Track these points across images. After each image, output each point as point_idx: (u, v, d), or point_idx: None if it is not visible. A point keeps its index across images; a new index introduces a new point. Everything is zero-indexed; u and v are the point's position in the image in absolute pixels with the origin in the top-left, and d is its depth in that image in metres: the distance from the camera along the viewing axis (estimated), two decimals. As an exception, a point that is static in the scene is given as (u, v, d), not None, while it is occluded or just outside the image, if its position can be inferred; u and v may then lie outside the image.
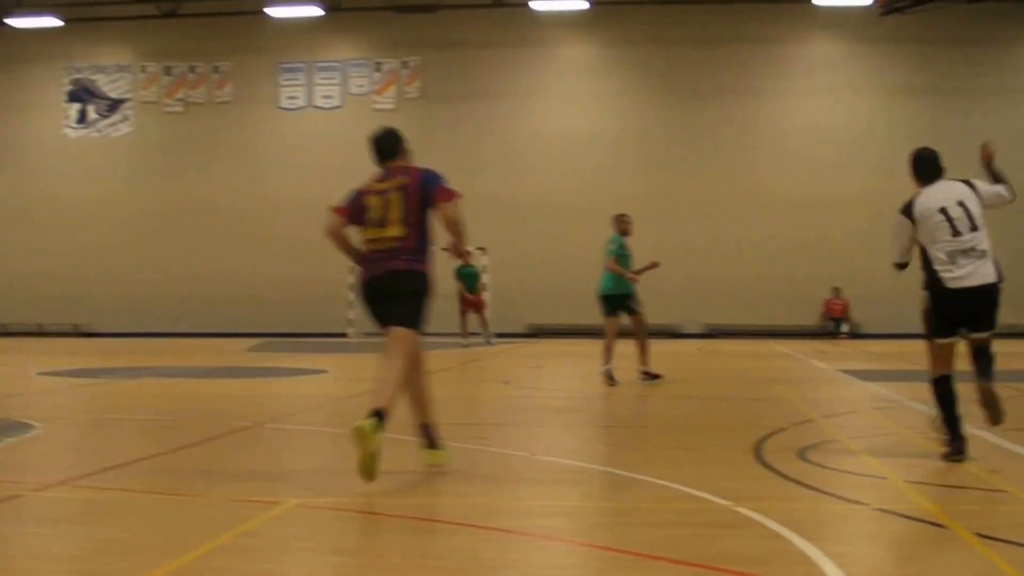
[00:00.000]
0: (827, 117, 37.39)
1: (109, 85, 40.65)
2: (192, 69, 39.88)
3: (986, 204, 9.84)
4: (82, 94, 40.86)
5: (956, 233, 9.65)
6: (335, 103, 39.09)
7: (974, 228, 9.70)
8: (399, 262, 9.18)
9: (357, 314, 36.78)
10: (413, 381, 9.53)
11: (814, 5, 36.64)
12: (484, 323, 32.35)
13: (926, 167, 10.10)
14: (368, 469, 8.43)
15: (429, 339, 29.45)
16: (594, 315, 17.97)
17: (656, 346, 28.12)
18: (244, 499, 8.34)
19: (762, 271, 36.44)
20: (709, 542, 6.95)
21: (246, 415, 13.91)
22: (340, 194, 31.94)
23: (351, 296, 36.84)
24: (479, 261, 33.13)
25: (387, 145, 9.69)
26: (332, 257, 35.64)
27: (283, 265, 38.29)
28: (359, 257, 9.54)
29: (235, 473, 9.77)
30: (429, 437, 9.63)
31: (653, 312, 33.29)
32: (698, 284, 36.08)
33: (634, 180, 37.13)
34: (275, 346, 31.67)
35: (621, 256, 18.26)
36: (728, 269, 36.21)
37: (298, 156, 38.97)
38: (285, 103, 39.38)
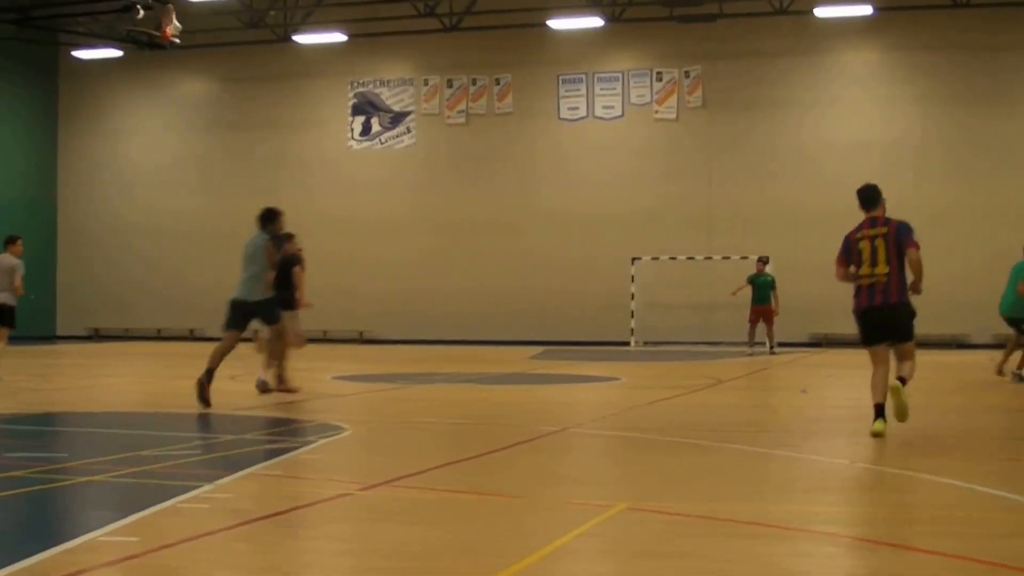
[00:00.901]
0: None
1: (392, 98, 41.43)
2: (474, 81, 40.30)
3: None
4: (366, 107, 41.73)
5: None
6: (616, 113, 39.01)
7: None
8: (891, 294, 12.21)
9: (640, 324, 36.76)
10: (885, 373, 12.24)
11: (1114, 5, 35.03)
12: (771, 333, 31.86)
13: None
14: (902, 414, 11.81)
15: (712, 348, 29.38)
16: None
17: (945, 356, 27.44)
18: (573, 502, 8.35)
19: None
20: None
21: (548, 420, 13.90)
22: (620, 206, 32.16)
23: (632, 306, 36.83)
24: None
25: (871, 196, 12.65)
26: (612, 268, 35.81)
27: (563, 275, 38.35)
28: (856, 287, 12.48)
29: (555, 476, 9.79)
30: (880, 412, 11.97)
31: (940, 322, 32.26)
32: (987, 294, 34.71)
33: (918, 187, 35.99)
34: (558, 354, 31.73)
35: None
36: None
37: (579, 167, 39.00)
38: (566, 114, 39.46)
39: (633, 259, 37.07)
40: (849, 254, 12.60)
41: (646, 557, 6.62)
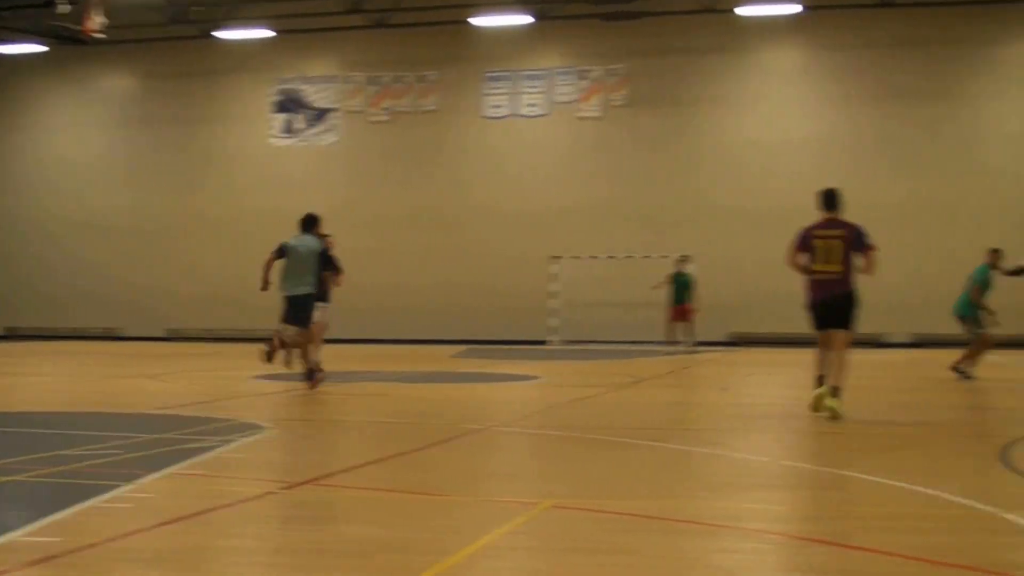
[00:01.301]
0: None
1: (315, 95, 41.19)
2: (398, 79, 40.17)
3: None
4: (289, 104, 41.46)
5: None
6: (540, 111, 38.99)
7: None
8: (843, 287, 14.15)
9: (560, 322, 36.80)
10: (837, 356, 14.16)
11: (1029, 6, 35.40)
12: (689, 332, 32.04)
13: None
14: (818, 409, 13.93)
15: (633, 347, 29.28)
16: (798, 324, 17.86)
17: (862, 356, 27.59)
18: (499, 499, 8.38)
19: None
20: (991, 550, 6.77)
21: (473, 419, 13.94)
22: (544, 203, 32.12)
23: (553, 304, 36.86)
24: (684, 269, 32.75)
25: (832, 200, 14.79)
26: (532, 266, 35.52)
27: (485, 273, 38.31)
28: (810, 279, 14.31)
29: (480, 474, 9.81)
30: (835, 392, 13.82)
31: (860, 321, 32.45)
32: (904, 293, 35.10)
33: (844, 185, 35.93)
34: (480, 353, 31.71)
35: (985, 287, 22.00)
36: (936, 277, 35.09)
37: (503, 164, 38.98)
38: (490, 112, 39.38)
39: (552, 258, 37.04)
40: (805, 246, 14.35)
41: (574, 553, 6.62)
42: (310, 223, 19.28)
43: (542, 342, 36.74)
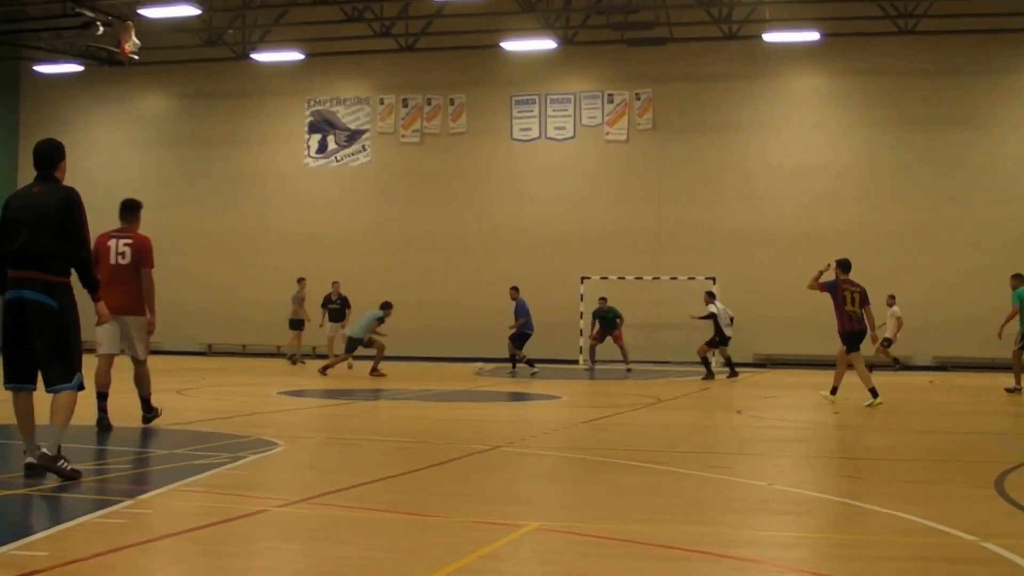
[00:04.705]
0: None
1: (348, 117, 41.61)
2: (428, 101, 40.57)
3: None
4: (322, 125, 41.90)
5: None
6: (567, 134, 39.32)
7: None
8: (861, 324, 20.32)
9: (586, 341, 36.85)
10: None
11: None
12: (623, 350, 33.36)
13: None
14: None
15: (658, 367, 29.18)
16: (822, 346, 18.61)
17: (885, 378, 27.62)
18: (484, 521, 8.42)
19: (992, 302, 35.11)
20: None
21: (482, 438, 14.06)
22: (571, 225, 32.15)
23: (581, 324, 36.89)
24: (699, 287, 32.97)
25: (848, 266, 20.51)
26: (563, 287, 35.55)
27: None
28: (842, 315, 20.36)
29: (473, 495, 9.86)
30: (873, 392, 19.74)
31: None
32: (927, 315, 35.12)
33: (864, 210, 36.49)
34: (504, 371, 31.82)
35: None
36: (956, 301, 35.17)
37: (530, 186, 39.32)
38: (518, 134, 39.72)
39: (582, 278, 37.19)
40: (834, 290, 20.30)
41: (543, 576, 6.74)
42: (386, 307, 30.84)
43: (572, 361, 36.81)
